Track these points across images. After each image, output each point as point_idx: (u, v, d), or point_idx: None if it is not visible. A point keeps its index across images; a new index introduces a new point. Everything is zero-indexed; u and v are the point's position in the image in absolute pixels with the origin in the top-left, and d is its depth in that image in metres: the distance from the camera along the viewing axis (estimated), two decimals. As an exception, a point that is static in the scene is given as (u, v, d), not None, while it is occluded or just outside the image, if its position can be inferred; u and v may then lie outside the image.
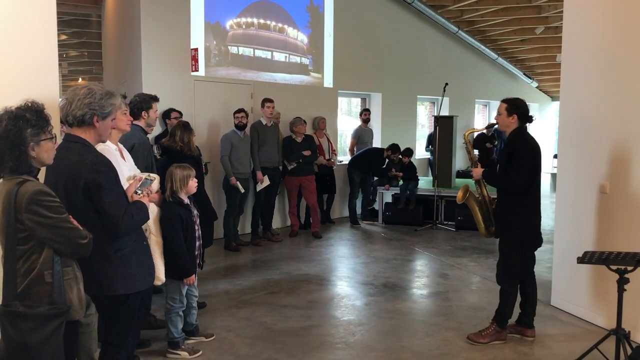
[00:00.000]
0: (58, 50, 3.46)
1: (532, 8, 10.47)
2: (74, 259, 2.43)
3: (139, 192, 2.81)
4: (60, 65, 3.32)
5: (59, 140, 2.70)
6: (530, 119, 4.01)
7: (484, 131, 11.98)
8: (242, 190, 6.84)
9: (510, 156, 3.91)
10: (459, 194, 4.25)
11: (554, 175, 12.17)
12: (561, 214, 4.83)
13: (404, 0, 10.01)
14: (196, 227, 3.93)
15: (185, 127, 5.00)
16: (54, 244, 2.29)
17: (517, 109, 3.95)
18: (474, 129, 5.62)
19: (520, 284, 4.13)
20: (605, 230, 4.34)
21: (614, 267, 3.29)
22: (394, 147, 8.70)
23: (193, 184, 3.88)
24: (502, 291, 4.09)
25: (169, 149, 4.95)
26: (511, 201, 3.95)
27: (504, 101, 4.02)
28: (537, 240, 4.05)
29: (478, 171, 4.14)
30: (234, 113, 7.00)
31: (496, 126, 4.13)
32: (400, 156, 8.73)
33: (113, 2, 8.49)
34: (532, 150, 3.90)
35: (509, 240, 4.00)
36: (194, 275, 3.87)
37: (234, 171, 6.83)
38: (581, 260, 3.36)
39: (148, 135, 4.45)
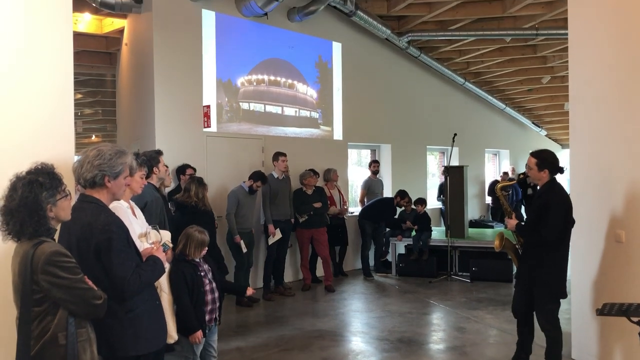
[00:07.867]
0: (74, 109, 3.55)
1: (537, 58, 10.64)
2: (88, 320, 2.41)
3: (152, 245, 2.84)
4: (75, 123, 3.39)
5: (74, 196, 2.73)
6: (561, 170, 4.08)
7: (499, 179, 12.25)
8: (245, 250, 6.79)
9: (542, 209, 3.97)
10: (496, 242, 4.38)
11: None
12: (577, 264, 4.74)
13: (410, 54, 10.22)
14: (206, 282, 3.87)
15: (200, 183, 5.05)
16: (69, 305, 2.28)
17: (548, 164, 4.04)
18: (506, 182, 5.85)
19: (528, 325, 4.29)
20: (623, 281, 4.24)
21: (635, 319, 3.21)
22: (402, 193, 8.77)
23: (204, 252, 3.89)
24: (549, 337, 4.11)
25: (183, 205, 4.98)
26: (544, 254, 4.00)
27: (533, 155, 4.11)
28: (565, 290, 4.11)
29: (512, 222, 4.20)
30: (253, 180, 6.91)
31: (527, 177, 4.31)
32: (412, 206, 8.77)
33: (127, 61, 8.74)
34: (565, 204, 3.97)
35: (545, 293, 4.04)
36: (199, 333, 3.74)
37: (238, 227, 6.79)
38: (600, 312, 3.28)
39: (165, 190, 4.48)
